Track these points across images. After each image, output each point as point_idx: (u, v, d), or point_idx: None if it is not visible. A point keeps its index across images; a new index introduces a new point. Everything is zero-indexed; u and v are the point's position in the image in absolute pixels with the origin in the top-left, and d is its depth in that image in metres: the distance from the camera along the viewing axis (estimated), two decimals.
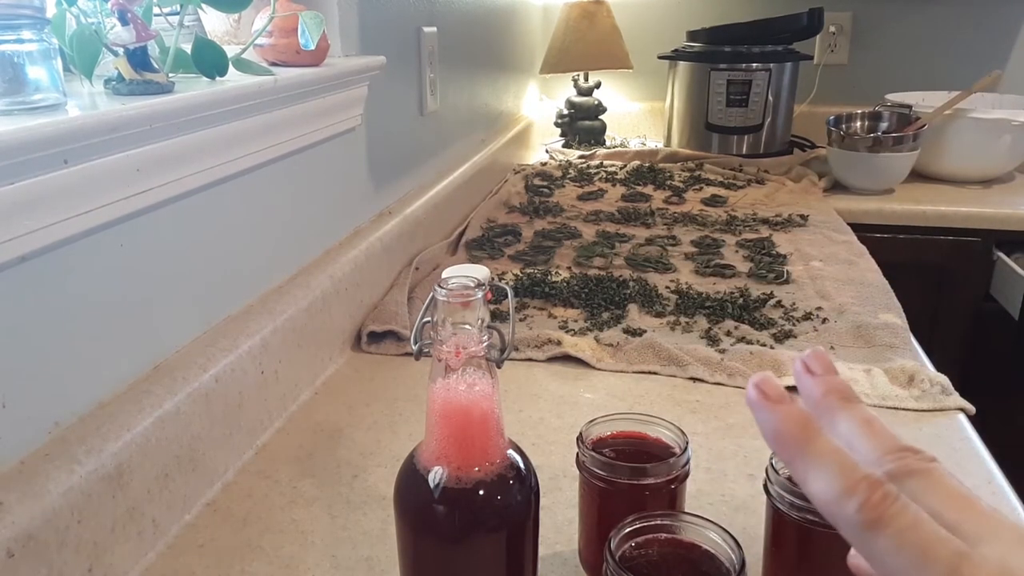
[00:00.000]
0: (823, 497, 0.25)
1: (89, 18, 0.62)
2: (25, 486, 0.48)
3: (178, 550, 0.60)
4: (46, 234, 0.50)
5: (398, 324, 0.93)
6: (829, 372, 0.29)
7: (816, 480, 0.26)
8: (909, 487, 0.25)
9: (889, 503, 0.24)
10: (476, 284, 0.43)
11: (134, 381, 0.61)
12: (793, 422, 0.27)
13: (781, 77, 1.78)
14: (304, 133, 0.83)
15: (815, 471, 0.26)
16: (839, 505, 0.25)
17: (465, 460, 0.44)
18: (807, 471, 0.26)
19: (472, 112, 1.56)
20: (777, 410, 0.27)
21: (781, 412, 0.27)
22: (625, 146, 2.00)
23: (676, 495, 0.53)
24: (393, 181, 1.14)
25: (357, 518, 0.63)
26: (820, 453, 0.26)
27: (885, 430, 0.27)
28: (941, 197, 1.58)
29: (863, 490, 0.25)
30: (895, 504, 0.24)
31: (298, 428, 0.77)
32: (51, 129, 0.48)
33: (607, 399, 0.81)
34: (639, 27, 2.08)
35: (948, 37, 1.95)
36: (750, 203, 1.55)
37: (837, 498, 0.25)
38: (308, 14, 0.75)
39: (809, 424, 0.27)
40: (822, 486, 0.25)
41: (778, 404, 0.27)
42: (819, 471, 0.26)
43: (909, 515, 0.24)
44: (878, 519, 0.24)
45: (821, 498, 0.26)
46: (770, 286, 1.09)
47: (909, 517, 0.24)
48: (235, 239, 0.74)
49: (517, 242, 1.31)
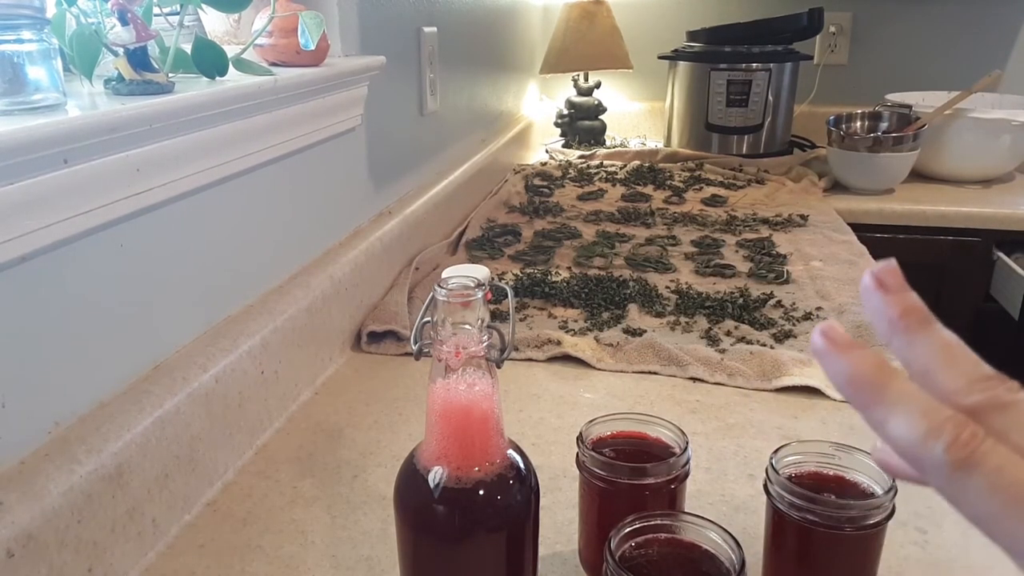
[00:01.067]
0: (906, 440, 0.24)
1: (89, 18, 0.62)
2: (25, 486, 0.48)
3: (178, 550, 0.59)
4: (46, 234, 0.50)
5: (398, 324, 0.93)
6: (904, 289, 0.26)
7: (897, 424, 0.24)
8: (998, 421, 0.24)
9: (978, 442, 0.23)
10: (476, 284, 0.43)
11: (134, 381, 0.61)
12: (868, 366, 0.25)
13: (781, 77, 1.78)
14: (304, 133, 0.83)
15: (896, 414, 0.24)
16: (924, 447, 0.23)
17: (465, 460, 0.44)
18: (887, 415, 0.24)
19: (472, 112, 1.56)
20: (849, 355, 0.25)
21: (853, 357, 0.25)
22: (625, 146, 2.00)
23: (676, 495, 0.53)
24: (393, 181, 1.14)
25: (357, 518, 0.63)
26: (900, 394, 0.24)
27: (969, 356, 0.25)
28: (941, 197, 1.58)
29: (949, 430, 0.23)
30: (985, 443, 0.23)
31: (298, 428, 0.77)
32: (51, 129, 0.48)
33: (607, 399, 0.81)
34: (639, 27, 2.08)
35: (948, 37, 1.95)
36: (750, 203, 1.55)
37: (922, 439, 0.23)
38: (308, 14, 0.75)
39: (884, 366, 0.25)
40: (904, 429, 0.24)
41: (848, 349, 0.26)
42: (900, 414, 0.24)
43: (1001, 454, 0.23)
44: (967, 459, 0.23)
45: (904, 441, 0.24)
46: (770, 286, 1.09)
47: (1001, 457, 0.23)
48: (235, 239, 0.74)
49: (517, 242, 1.31)
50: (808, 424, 0.76)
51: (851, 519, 0.47)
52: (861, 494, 0.49)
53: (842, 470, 0.51)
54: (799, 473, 0.51)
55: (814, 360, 0.84)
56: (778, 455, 0.51)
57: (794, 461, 0.52)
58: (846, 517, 0.47)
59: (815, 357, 0.27)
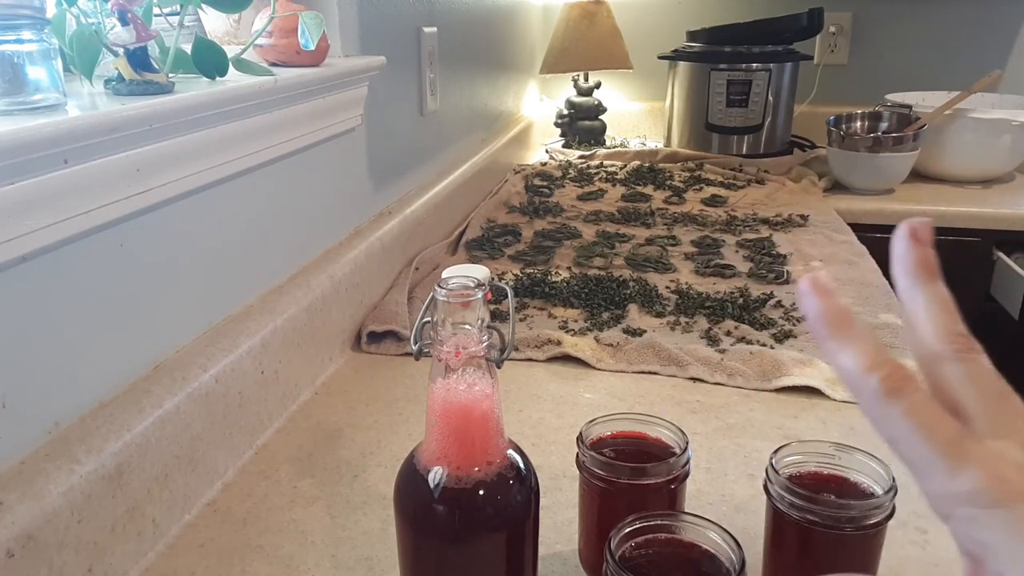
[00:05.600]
0: (850, 369, 0.28)
1: (89, 18, 0.62)
2: (25, 486, 0.48)
3: (178, 550, 0.60)
4: (46, 234, 0.50)
5: (398, 324, 0.93)
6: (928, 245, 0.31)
7: (846, 356, 0.28)
8: (948, 370, 0.28)
9: (907, 382, 0.27)
10: (476, 284, 0.43)
11: (134, 381, 0.61)
12: (838, 309, 0.30)
13: (781, 77, 1.78)
14: (304, 133, 0.83)
15: (847, 348, 0.28)
16: (863, 377, 0.27)
17: (465, 460, 0.44)
18: (840, 348, 0.29)
19: (472, 112, 1.56)
20: (825, 299, 0.30)
21: (829, 300, 0.30)
22: (625, 146, 2.00)
23: (676, 495, 0.53)
24: (393, 181, 1.14)
25: (357, 518, 0.63)
26: (856, 336, 0.29)
27: (953, 314, 0.29)
28: (941, 197, 1.58)
29: (888, 368, 0.27)
30: (913, 382, 0.27)
31: (298, 428, 0.77)
32: (51, 129, 0.48)
33: (607, 399, 0.81)
34: (639, 27, 2.08)
35: (948, 37, 1.95)
36: (750, 203, 1.55)
37: (864, 371, 0.28)
38: (308, 14, 0.75)
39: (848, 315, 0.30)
40: (851, 361, 0.28)
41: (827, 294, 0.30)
42: (851, 348, 0.28)
43: (922, 395, 0.27)
44: (895, 390, 0.27)
45: (848, 370, 0.28)
46: (770, 286, 1.09)
47: (924, 395, 0.27)
48: (235, 239, 0.74)
49: (517, 242, 1.31)
50: (808, 424, 0.76)
51: (851, 519, 0.47)
52: (861, 494, 0.49)
53: (842, 470, 0.51)
54: (799, 473, 0.51)
55: (814, 360, 0.84)
56: (778, 455, 0.51)
57: (794, 461, 0.52)
58: (846, 517, 0.47)
59: (799, 297, 0.31)
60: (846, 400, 0.78)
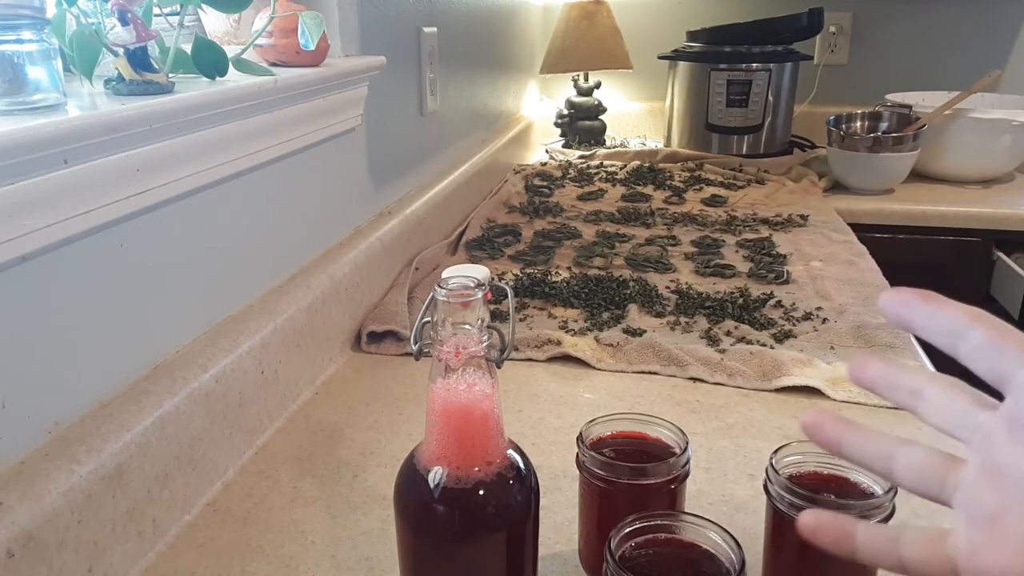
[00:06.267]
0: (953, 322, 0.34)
1: (89, 18, 0.62)
2: (25, 486, 0.48)
3: (178, 550, 0.60)
4: (46, 234, 0.50)
5: (398, 324, 0.93)
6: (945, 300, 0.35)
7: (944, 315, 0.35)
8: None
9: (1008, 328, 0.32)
10: (476, 284, 0.43)
11: (134, 381, 0.61)
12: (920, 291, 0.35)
13: (781, 77, 1.78)
14: (304, 133, 0.83)
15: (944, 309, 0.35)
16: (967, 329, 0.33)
17: (465, 460, 0.44)
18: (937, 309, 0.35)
19: (472, 112, 1.56)
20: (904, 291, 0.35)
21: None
22: (625, 146, 2.00)
23: (676, 495, 0.53)
24: (393, 181, 1.14)
25: (357, 518, 0.63)
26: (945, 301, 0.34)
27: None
28: (941, 197, 1.58)
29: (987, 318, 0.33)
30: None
31: (298, 428, 0.77)
32: (51, 129, 0.48)
33: (607, 399, 0.81)
34: (639, 27, 2.08)
35: (948, 37, 1.95)
36: (750, 203, 1.55)
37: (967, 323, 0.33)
38: (308, 14, 0.75)
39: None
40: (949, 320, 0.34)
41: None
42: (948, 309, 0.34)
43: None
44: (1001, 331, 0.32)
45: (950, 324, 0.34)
46: (770, 286, 1.09)
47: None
48: (235, 239, 0.74)
49: (517, 242, 1.31)
50: None
51: None
52: (861, 494, 0.49)
53: (842, 470, 0.51)
54: (799, 473, 0.51)
55: (814, 361, 0.84)
56: (778, 455, 0.51)
57: (794, 461, 0.52)
58: None
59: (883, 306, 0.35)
60: (846, 400, 0.78)
